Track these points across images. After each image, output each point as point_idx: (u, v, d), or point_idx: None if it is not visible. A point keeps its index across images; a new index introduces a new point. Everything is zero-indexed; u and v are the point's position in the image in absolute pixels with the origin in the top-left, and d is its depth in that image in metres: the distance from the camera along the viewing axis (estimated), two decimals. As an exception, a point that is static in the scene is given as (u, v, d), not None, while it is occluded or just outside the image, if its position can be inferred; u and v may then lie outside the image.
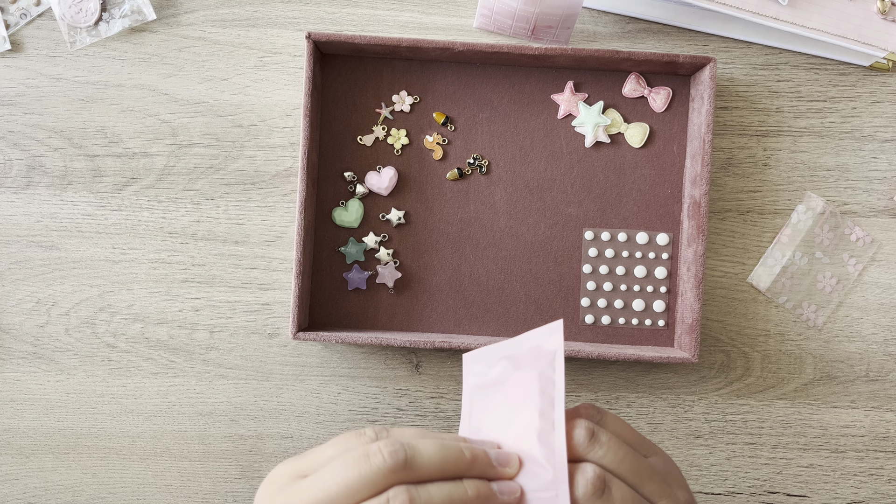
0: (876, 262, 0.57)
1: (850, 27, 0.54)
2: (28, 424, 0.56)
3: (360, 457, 0.32)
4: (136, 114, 0.56)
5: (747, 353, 0.57)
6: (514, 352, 0.39)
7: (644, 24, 0.56)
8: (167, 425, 0.56)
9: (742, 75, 0.57)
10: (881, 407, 0.57)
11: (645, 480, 0.36)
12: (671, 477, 0.37)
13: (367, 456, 0.32)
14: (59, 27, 0.56)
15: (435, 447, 0.34)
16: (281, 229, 0.56)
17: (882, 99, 0.57)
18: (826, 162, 0.57)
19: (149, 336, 0.56)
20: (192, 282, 0.56)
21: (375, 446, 0.33)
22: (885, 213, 0.57)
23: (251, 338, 0.56)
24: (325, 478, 0.33)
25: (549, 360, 0.37)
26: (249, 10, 0.56)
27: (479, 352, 0.40)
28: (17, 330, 0.56)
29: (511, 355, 0.39)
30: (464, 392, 0.40)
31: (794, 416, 0.57)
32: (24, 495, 0.56)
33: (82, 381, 0.56)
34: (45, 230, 0.56)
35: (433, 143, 0.56)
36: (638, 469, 0.36)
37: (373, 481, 0.32)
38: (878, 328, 0.57)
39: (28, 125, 0.56)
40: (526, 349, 0.38)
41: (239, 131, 0.56)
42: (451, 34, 0.56)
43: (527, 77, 0.56)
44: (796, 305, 0.56)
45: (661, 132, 0.56)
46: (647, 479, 0.36)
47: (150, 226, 0.56)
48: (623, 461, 0.36)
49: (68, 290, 0.56)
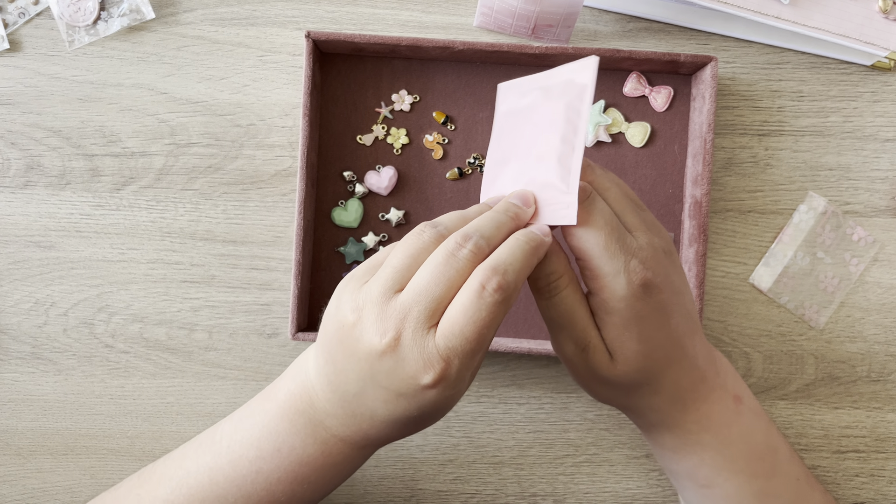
0: (878, 262, 0.57)
1: (852, 26, 0.54)
2: (26, 425, 0.56)
3: (448, 257, 0.35)
4: (135, 113, 0.56)
5: (749, 354, 0.56)
6: (546, 83, 0.41)
7: (645, 23, 0.56)
8: (166, 426, 0.56)
9: (743, 74, 0.56)
10: (883, 408, 0.56)
11: (629, 213, 0.40)
12: (654, 226, 0.41)
13: (454, 255, 0.35)
14: (57, 26, 0.55)
15: (490, 222, 0.37)
16: (280, 229, 0.56)
17: (884, 98, 0.56)
18: (828, 161, 0.56)
19: (147, 336, 0.56)
20: (190, 282, 0.56)
21: (454, 242, 0.36)
22: (886, 213, 0.56)
23: (250, 338, 0.56)
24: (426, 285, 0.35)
25: (579, 93, 0.39)
26: (248, 9, 0.56)
27: (514, 82, 0.44)
28: (16, 330, 0.56)
29: (544, 87, 0.41)
30: (495, 118, 0.44)
31: (795, 417, 0.57)
32: (22, 496, 0.56)
33: (80, 381, 0.56)
34: (43, 230, 0.55)
35: (433, 142, 0.56)
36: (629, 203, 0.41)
37: (464, 271, 0.35)
38: (879, 328, 0.56)
39: (26, 124, 0.55)
40: (558, 81, 0.41)
41: (238, 131, 0.56)
42: (452, 33, 0.56)
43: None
44: (798, 305, 0.56)
45: (663, 131, 0.56)
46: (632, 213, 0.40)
47: (148, 226, 0.56)
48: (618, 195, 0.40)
49: (66, 290, 0.56)
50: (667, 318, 0.40)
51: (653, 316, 0.39)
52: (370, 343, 0.35)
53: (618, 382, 0.41)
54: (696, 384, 0.43)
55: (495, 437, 0.56)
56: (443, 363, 0.35)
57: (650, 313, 0.39)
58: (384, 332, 0.35)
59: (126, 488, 0.46)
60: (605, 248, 0.38)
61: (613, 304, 0.38)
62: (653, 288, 0.38)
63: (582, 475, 0.57)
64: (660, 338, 0.40)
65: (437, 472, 0.56)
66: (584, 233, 0.38)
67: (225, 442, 0.42)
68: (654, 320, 0.39)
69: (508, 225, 0.38)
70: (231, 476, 0.41)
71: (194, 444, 0.44)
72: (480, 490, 0.57)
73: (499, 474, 0.56)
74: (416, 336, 0.35)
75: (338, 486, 0.43)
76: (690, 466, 0.45)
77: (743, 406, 0.45)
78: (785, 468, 0.46)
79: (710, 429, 0.44)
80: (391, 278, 0.36)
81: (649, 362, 0.40)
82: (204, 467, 0.42)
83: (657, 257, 0.39)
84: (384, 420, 0.38)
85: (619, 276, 0.38)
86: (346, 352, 0.37)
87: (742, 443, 0.44)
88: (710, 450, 0.44)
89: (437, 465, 0.56)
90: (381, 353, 0.35)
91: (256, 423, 0.42)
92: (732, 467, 0.44)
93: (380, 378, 0.36)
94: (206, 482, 0.42)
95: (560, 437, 0.56)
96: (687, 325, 0.42)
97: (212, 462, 0.42)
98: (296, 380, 0.41)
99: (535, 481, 0.56)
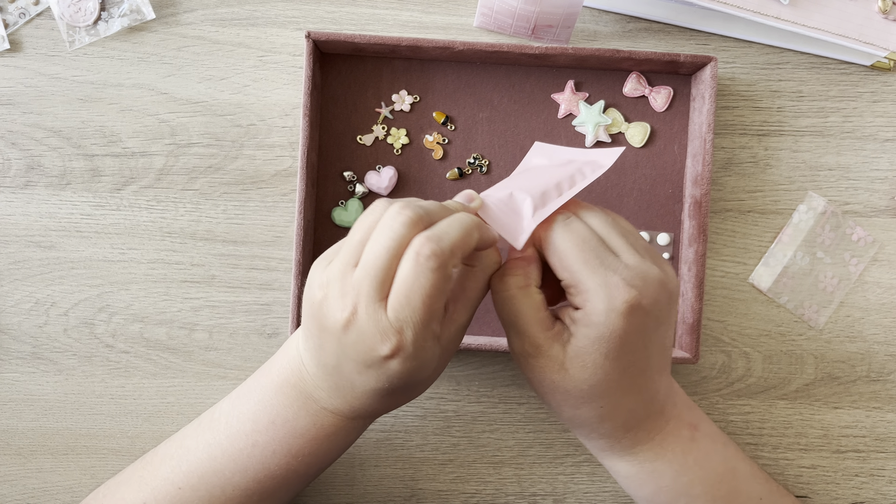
0: (877, 262, 0.57)
1: (852, 26, 0.54)
2: (27, 425, 0.56)
3: (388, 224, 0.37)
4: (135, 113, 0.56)
5: (748, 354, 0.56)
6: (575, 157, 0.45)
7: (645, 23, 0.56)
8: (166, 426, 0.56)
9: (743, 75, 0.56)
10: (882, 407, 0.57)
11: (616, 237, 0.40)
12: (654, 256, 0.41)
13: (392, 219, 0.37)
14: (57, 26, 0.55)
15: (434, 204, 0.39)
16: (280, 229, 0.56)
17: (883, 98, 0.57)
18: (827, 161, 0.57)
19: (148, 336, 0.56)
20: (190, 282, 0.56)
21: (394, 209, 0.37)
22: (886, 213, 0.57)
23: (250, 338, 0.56)
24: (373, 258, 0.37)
25: (594, 168, 0.43)
26: (249, 10, 0.56)
27: (550, 147, 0.48)
28: (16, 330, 0.56)
29: (572, 159, 0.45)
30: (520, 165, 0.48)
31: (795, 417, 0.57)
32: (22, 496, 0.56)
33: (81, 381, 0.56)
34: (43, 230, 0.56)
35: (433, 142, 0.56)
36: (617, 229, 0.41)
37: (402, 238, 0.37)
38: (879, 328, 0.56)
39: (27, 125, 0.55)
40: (586, 158, 0.45)
41: (238, 131, 0.56)
42: (452, 33, 0.56)
43: (527, 76, 0.55)
44: (797, 305, 0.56)
45: (662, 132, 0.56)
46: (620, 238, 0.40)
47: (148, 226, 0.56)
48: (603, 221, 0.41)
49: (67, 290, 0.56)
50: (642, 344, 0.40)
51: (628, 337, 0.39)
52: (335, 318, 0.37)
53: (565, 389, 0.41)
54: (652, 416, 0.43)
55: (495, 437, 0.57)
56: (397, 334, 0.37)
57: (626, 334, 0.39)
58: (344, 308, 0.37)
59: (129, 472, 0.47)
60: (584, 263, 0.39)
61: (594, 317, 0.39)
62: (636, 309, 0.38)
63: (582, 475, 0.57)
64: (627, 361, 0.40)
65: (437, 472, 0.57)
66: (555, 246, 0.40)
67: (223, 419, 0.44)
68: (628, 342, 0.39)
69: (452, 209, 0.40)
70: (228, 450, 0.43)
71: (195, 424, 0.46)
72: (480, 490, 0.57)
73: (499, 474, 0.57)
74: (369, 309, 0.37)
75: (332, 462, 0.45)
76: (649, 493, 0.45)
77: (699, 433, 0.45)
78: (746, 488, 0.47)
79: (664, 457, 0.44)
80: (349, 253, 0.38)
81: (608, 381, 0.40)
82: (202, 444, 0.44)
83: (646, 281, 0.39)
84: (364, 391, 0.40)
85: (600, 290, 0.38)
86: (319, 327, 0.39)
87: (699, 468, 0.45)
88: (667, 478, 0.44)
89: (437, 465, 0.56)
90: (344, 328, 0.37)
91: (252, 398, 0.43)
92: (691, 492, 0.45)
93: (349, 351, 0.38)
94: (204, 458, 0.44)
95: (560, 437, 0.57)
96: (659, 360, 0.42)
97: (210, 438, 0.44)
98: (287, 355, 0.43)
99: (534, 481, 0.56)
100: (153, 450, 0.47)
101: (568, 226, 0.40)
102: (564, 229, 0.40)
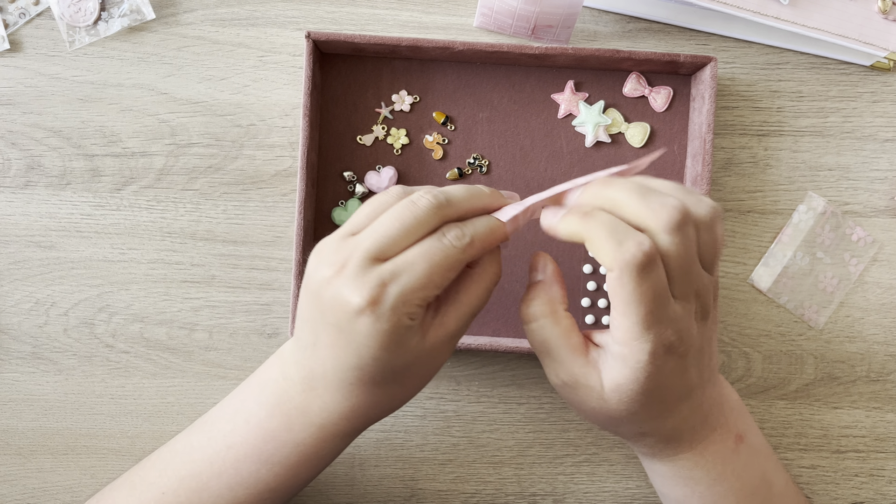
0: (877, 262, 0.57)
1: (852, 27, 0.54)
2: (27, 425, 0.56)
3: (408, 203, 0.36)
4: (135, 113, 0.56)
5: (748, 354, 0.56)
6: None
7: (645, 23, 0.56)
8: (166, 426, 0.56)
9: (743, 75, 0.56)
10: (882, 407, 0.57)
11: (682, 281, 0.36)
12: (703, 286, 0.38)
13: (413, 202, 0.36)
14: (57, 27, 0.55)
15: (461, 188, 0.38)
16: (280, 229, 0.56)
17: (883, 98, 0.57)
18: (827, 162, 0.57)
19: (148, 336, 0.56)
20: (191, 282, 0.56)
21: (417, 194, 0.37)
22: (886, 213, 0.57)
23: (250, 338, 0.56)
24: (382, 226, 0.36)
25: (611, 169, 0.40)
26: (249, 10, 0.56)
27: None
28: (16, 330, 0.56)
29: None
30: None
31: (795, 417, 0.57)
32: (22, 496, 0.56)
33: (81, 381, 0.56)
34: (43, 230, 0.56)
35: (433, 142, 0.56)
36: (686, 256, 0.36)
37: (425, 221, 0.36)
38: (879, 328, 0.57)
39: (27, 125, 0.55)
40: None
41: (238, 131, 0.56)
42: (451, 33, 0.56)
43: (527, 76, 0.55)
44: (797, 306, 0.56)
45: (662, 132, 0.56)
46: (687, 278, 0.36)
47: (148, 226, 0.56)
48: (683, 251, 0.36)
49: (67, 290, 0.56)
50: (679, 374, 0.38)
51: (664, 373, 0.37)
52: (320, 275, 0.37)
53: (607, 415, 0.40)
54: (696, 427, 0.42)
55: (495, 437, 0.57)
56: (377, 286, 0.35)
57: (661, 371, 0.37)
58: (332, 264, 0.36)
59: (124, 477, 0.47)
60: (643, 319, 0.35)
61: (632, 359, 0.36)
62: (673, 351, 0.37)
63: (582, 475, 0.57)
64: (667, 392, 0.38)
65: (437, 472, 0.57)
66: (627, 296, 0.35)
67: (208, 420, 0.44)
68: (664, 377, 0.37)
69: (475, 194, 0.39)
70: (207, 452, 0.42)
71: (188, 428, 0.46)
72: (480, 490, 0.57)
73: (499, 474, 0.57)
74: (359, 264, 0.35)
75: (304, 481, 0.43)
76: (679, 496, 0.45)
77: (743, 444, 0.44)
78: (776, 502, 0.46)
79: (703, 466, 0.43)
80: (351, 223, 0.38)
81: (649, 409, 0.39)
82: (188, 446, 0.44)
83: (689, 322, 0.37)
84: (335, 376, 0.38)
85: (646, 343, 0.36)
86: (304, 292, 0.38)
87: (735, 479, 0.44)
88: (702, 485, 0.43)
89: (437, 465, 0.57)
90: (327, 282, 0.36)
91: (234, 397, 0.43)
92: (722, 502, 0.44)
93: (326, 311, 0.37)
94: (187, 461, 0.43)
95: (560, 437, 0.57)
96: (702, 376, 0.40)
97: (195, 441, 0.44)
98: (275, 355, 0.43)
99: (534, 481, 0.56)
100: (150, 454, 0.47)
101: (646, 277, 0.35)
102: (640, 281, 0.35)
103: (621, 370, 0.37)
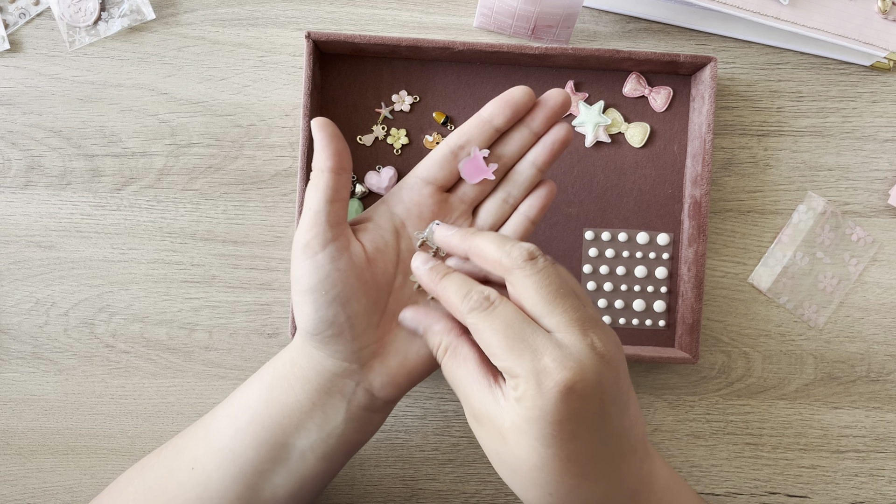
0: (877, 262, 0.57)
1: (851, 27, 0.54)
2: (27, 425, 0.56)
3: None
4: (135, 113, 0.56)
5: (748, 354, 0.56)
6: None
7: (645, 23, 0.56)
8: (166, 426, 0.56)
9: (743, 75, 0.56)
10: (882, 407, 0.57)
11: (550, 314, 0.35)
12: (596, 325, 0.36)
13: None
14: (57, 27, 0.55)
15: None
16: (280, 229, 0.56)
17: (883, 98, 0.57)
18: (827, 162, 0.57)
19: (148, 336, 0.56)
20: (191, 282, 0.56)
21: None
22: (885, 213, 0.57)
23: (250, 338, 0.56)
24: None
25: None
26: (249, 10, 0.56)
27: None
28: (16, 330, 0.56)
29: None
30: None
31: (794, 417, 0.57)
32: (22, 496, 0.56)
33: (81, 381, 0.56)
34: (43, 230, 0.56)
35: (433, 142, 0.56)
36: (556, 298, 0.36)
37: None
38: (878, 328, 0.57)
39: (27, 125, 0.55)
40: None
41: (238, 131, 0.56)
42: (451, 34, 0.56)
43: (527, 77, 0.56)
44: (797, 305, 0.56)
45: (662, 132, 0.56)
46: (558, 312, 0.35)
47: (149, 226, 0.56)
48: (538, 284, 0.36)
49: (67, 290, 0.56)
50: (587, 430, 0.34)
51: (567, 425, 0.34)
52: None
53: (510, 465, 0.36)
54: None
55: (495, 437, 0.56)
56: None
57: (563, 421, 0.34)
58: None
59: (123, 479, 0.47)
60: (510, 351, 0.34)
61: (525, 402, 0.34)
62: (570, 393, 0.33)
63: (582, 475, 0.57)
64: (571, 449, 0.34)
65: (437, 472, 0.57)
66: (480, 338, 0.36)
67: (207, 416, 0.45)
68: (567, 429, 0.34)
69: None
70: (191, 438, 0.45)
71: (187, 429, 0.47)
72: (480, 490, 0.57)
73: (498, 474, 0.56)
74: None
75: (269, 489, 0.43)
76: None
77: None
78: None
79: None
80: None
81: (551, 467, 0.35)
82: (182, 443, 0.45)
83: (582, 362, 0.34)
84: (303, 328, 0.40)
85: (530, 377, 0.34)
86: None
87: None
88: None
89: (437, 465, 0.57)
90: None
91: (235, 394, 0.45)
92: None
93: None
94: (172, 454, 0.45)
95: (560, 437, 0.56)
96: (620, 445, 0.36)
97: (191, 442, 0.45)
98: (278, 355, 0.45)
99: (534, 481, 0.56)
100: (148, 454, 0.48)
101: (490, 313, 0.36)
102: (486, 318, 0.35)
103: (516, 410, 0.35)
